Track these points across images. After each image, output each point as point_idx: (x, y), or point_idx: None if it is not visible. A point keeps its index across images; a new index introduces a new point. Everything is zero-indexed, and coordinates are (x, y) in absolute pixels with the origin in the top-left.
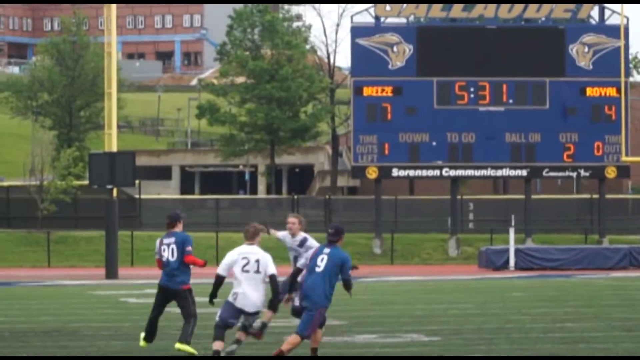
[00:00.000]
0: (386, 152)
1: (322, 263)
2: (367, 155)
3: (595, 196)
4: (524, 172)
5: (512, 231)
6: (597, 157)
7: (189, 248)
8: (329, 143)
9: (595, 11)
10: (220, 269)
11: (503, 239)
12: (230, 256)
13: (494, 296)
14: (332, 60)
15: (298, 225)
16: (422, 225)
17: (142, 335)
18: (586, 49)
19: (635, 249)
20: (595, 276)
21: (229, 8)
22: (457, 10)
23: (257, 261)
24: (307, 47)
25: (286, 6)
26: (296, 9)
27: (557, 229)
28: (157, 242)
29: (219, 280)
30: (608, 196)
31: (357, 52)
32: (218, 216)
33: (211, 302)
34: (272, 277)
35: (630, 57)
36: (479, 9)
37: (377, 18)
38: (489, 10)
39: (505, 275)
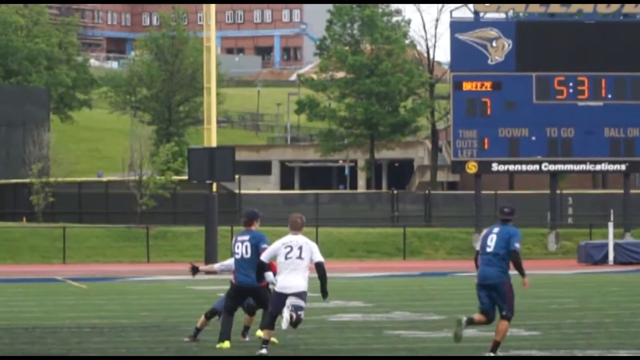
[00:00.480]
0: (486, 146)
1: (491, 242)
2: (467, 150)
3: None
4: (623, 167)
5: (611, 226)
6: None
7: (265, 246)
8: (429, 138)
9: None
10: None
11: (602, 234)
12: (274, 246)
13: (593, 291)
14: (431, 55)
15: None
16: (522, 220)
17: (220, 340)
18: None
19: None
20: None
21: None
22: (555, 6)
23: (300, 248)
24: (407, 41)
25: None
26: (395, 4)
27: None
28: (233, 239)
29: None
30: (633, 191)
31: (457, 46)
32: (318, 211)
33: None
34: (318, 264)
35: None
36: (577, 4)
37: (476, 13)
38: (588, 5)
39: (604, 270)
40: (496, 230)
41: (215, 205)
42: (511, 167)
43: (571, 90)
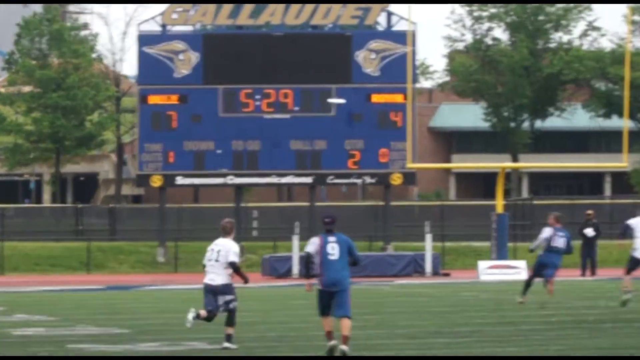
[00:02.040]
0: (171, 160)
1: (334, 250)
2: (152, 163)
3: (381, 203)
4: (309, 179)
5: (295, 238)
6: (383, 163)
7: None
8: (114, 152)
9: (382, 17)
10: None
11: (288, 247)
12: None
13: (277, 304)
14: (118, 69)
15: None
16: (207, 233)
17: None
18: (373, 55)
19: (420, 256)
20: (379, 283)
21: (17, 16)
22: (244, 17)
23: (218, 252)
24: (94, 55)
25: (74, 15)
26: (83, 17)
27: None
28: None
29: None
30: (394, 203)
31: (144, 60)
32: (3, 225)
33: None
34: (232, 264)
35: (417, 63)
36: (265, 16)
37: (163, 26)
38: (276, 16)
39: (288, 283)
40: (332, 239)
41: None
42: (196, 181)
43: (258, 103)
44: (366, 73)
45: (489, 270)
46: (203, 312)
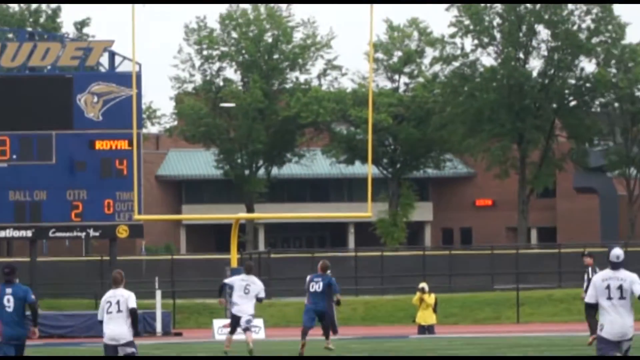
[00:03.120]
0: None
1: (9, 303)
2: None
3: (107, 258)
4: (29, 233)
5: None
6: (108, 215)
7: None
8: None
9: (105, 58)
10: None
11: None
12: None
13: None
14: None
15: None
16: None
17: None
18: (96, 99)
19: (149, 314)
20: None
21: None
22: None
23: (118, 302)
24: None
25: None
26: None
27: (66, 293)
28: None
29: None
30: (120, 257)
31: None
32: None
33: None
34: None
35: (144, 107)
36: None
37: None
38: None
39: None
40: (9, 291)
41: None
42: None
43: None
44: (89, 118)
45: (224, 329)
46: None
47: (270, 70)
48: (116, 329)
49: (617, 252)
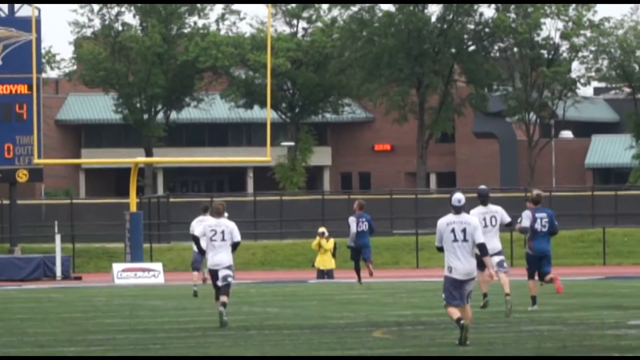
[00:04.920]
0: None
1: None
2: None
3: (6, 202)
4: None
5: None
6: (8, 159)
7: None
8: None
9: (5, 5)
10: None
11: None
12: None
13: None
14: None
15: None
16: None
17: None
18: None
19: (49, 258)
20: (6, 287)
21: None
22: None
23: (223, 232)
24: None
25: None
26: None
27: None
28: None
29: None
30: (20, 201)
31: None
32: None
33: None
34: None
35: (44, 51)
36: None
37: None
38: None
39: None
40: None
41: None
42: None
43: None
44: None
45: (123, 274)
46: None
47: (168, 14)
48: (219, 256)
49: (458, 197)
